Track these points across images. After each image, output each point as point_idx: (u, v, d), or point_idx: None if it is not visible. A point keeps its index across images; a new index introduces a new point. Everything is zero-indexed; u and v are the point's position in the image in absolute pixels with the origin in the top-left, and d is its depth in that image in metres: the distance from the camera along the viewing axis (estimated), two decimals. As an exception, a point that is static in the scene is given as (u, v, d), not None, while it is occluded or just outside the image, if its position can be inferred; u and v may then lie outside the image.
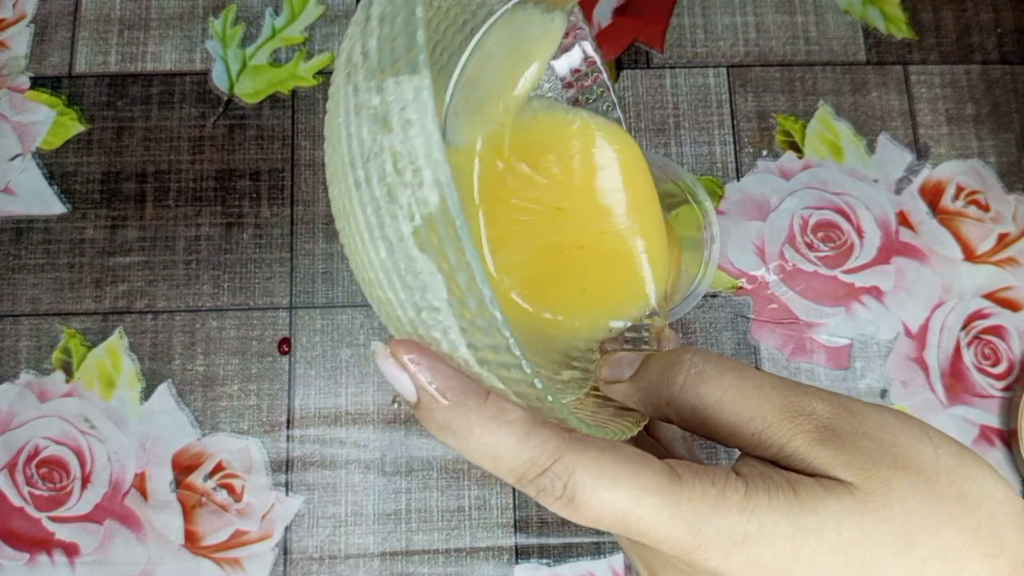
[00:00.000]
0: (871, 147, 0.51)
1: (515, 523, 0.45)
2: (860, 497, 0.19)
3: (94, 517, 0.44)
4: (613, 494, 0.19)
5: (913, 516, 0.19)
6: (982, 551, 0.19)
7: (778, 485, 0.19)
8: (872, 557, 0.18)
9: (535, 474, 0.19)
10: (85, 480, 0.44)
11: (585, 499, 0.19)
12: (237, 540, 0.44)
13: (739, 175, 0.50)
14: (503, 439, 0.19)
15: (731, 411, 0.21)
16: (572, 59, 0.30)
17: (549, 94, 0.30)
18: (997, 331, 0.48)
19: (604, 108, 0.30)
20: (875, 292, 0.48)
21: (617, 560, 0.45)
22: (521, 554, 0.44)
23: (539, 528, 0.45)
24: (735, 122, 0.51)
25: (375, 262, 0.19)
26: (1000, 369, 0.48)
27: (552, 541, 0.45)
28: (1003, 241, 0.50)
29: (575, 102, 0.30)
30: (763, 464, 0.21)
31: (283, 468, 0.45)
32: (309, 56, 0.51)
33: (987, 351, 0.48)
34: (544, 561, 0.44)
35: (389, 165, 0.18)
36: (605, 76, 0.30)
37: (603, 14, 0.53)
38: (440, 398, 0.20)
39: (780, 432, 0.20)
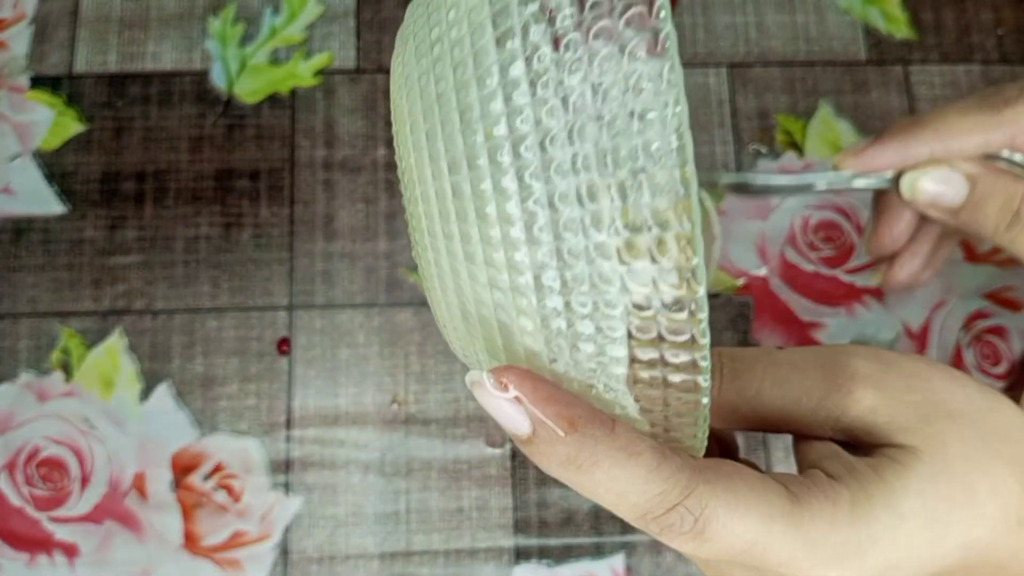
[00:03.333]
0: (872, 147, 0.51)
1: (515, 524, 0.45)
2: (928, 461, 0.19)
3: (94, 517, 0.44)
4: (744, 525, 0.18)
5: (969, 464, 0.19)
6: (1017, 479, 0.20)
7: (869, 479, 0.19)
8: (948, 518, 0.19)
9: (663, 510, 0.18)
10: (84, 480, 0.44)
11: (715, 532, 0.18)
12: (236, 541, 0.44)
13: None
14: (633, 471, 0.18)
15: (774, 399, 0.21)
16: None
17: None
18: (998, 331, 0.48)
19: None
20: (876, 292, 0.48)
21: (617, 560, 0.44)
22: (521, 555, 0.44)
23: (539, 529, 0.45)
24: (735, 122, 0.51)
25: (513, 268, 0.16)
26: (1001, 369, 0.48)
27: (552, 542, 0.45)
28: (1004, 241, 0.49)
29: None
30: (835, 450, 0.20)
31: (282, 468, 0.45)
32: (308, 55, 0.51)
33: (987, 351, 0.48)
34: (544, 562, 0.44)
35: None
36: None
37: None
38: (560, 430, 0.17)
39: (832, 407, 0.20)
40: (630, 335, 0.17)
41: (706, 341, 0.16)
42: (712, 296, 0.48)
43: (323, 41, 0.51)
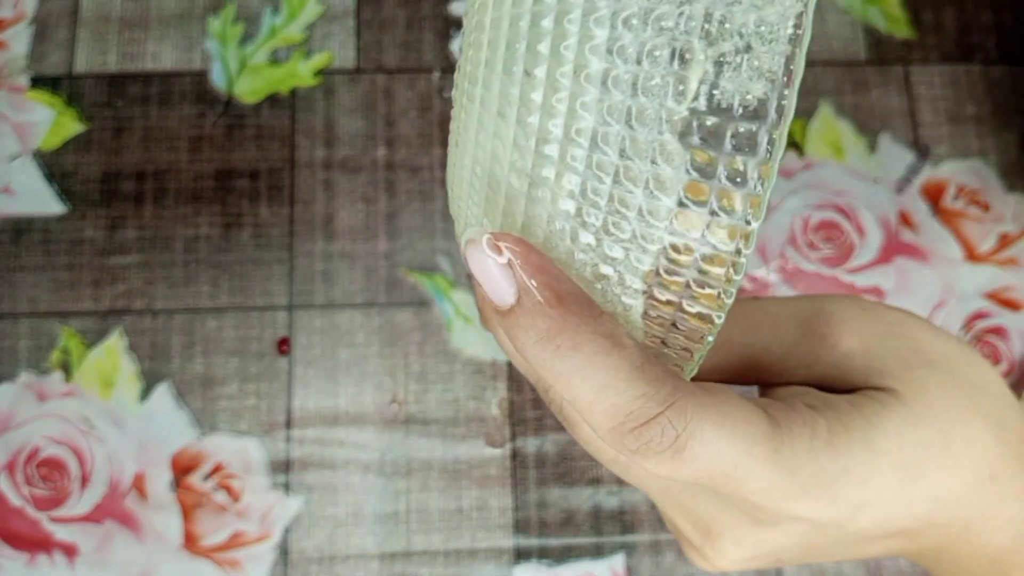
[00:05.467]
0: (872, 146, 0.51)
1: (515, 524, 0.45)
2: (907, 404, 0.19)
3: (93, 517, 0.44)
4: (729, 444, 0.17)
5: (948, 411, 0.19)
6: (992, 433, 0.19)
7: (847, 412, 0.18)
8: (924, 463, 0.19)
9: (644, 418, 0.16)
10: (84, 480, 0.44)
11: (698, 451, 0.17)
12: (236, 541, 0.44)
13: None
14: (616, 363, 0.16)
15: (744, 347, 0.20)
16: None
17: None
18: (998, 331, 0.48)
19: None
20: (876, 292, 0.48)
21: (617, 561, 0.44)
22: (521, 555, 0.44)
23: (539, 529, 0.45)
24: (735, 122, 0.51)
25: (567, 117, 0.15)
26: (1001, 369, 0.48)
27: (552, 542, 0.45)
28: (1004, 241, 0.49)
29: None
30: (809, 389, 0.20)
31: (282, 469, 0.45)
32: (308, 55, 0.51)
33: (987, 351, 0.48)
34: (544, 562, 0.44)
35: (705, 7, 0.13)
36: None
37: None
38: (548, 302, 0.16)
39: (804, 353, 0.20)
40: (657, 271, 0.16)
41: (730, 302, 0.16)
42: (712, 296, 0.48)
43: (323, 41, 0.51)
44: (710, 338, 0.16)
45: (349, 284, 0.48)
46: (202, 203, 0.48)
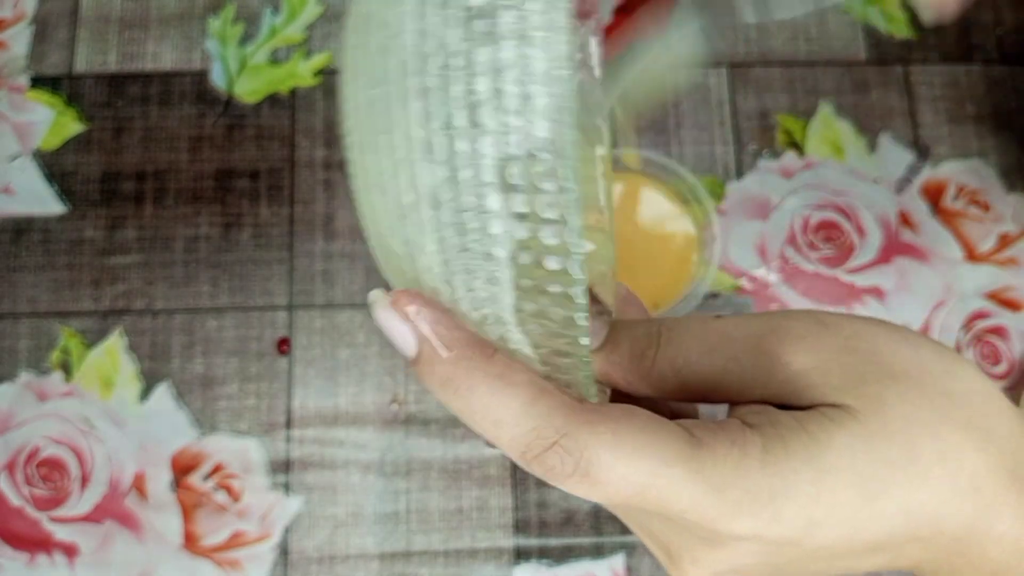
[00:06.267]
0: (872, 147, 0.51)
1: (515, 524, 0.45)
2: (862, 420, 0.18)
3: (93, 517, 0.44)
4: (632, 468, 0.17)
5: (911, 424, 0.19)
6: (974, 445, 0.19)
7: (790, 428, 0.18)
8: (885, 480, 0.18)
9: (540, 448, 0.18)
10: (84, 480, 0.44)
11: (601, 475, 0.18)
12: (236, 541, 0.44)
13: (740, 174, 0.50)
14: (507, 401, 0.18)
15: (702, 367, 0.20)
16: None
17: None
18: (998, 331, 0.48)
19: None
20: (876, 292, 0.48)
21: (617, 561, 0.44)
22: (521, 555, 0.44)
23: (539, 529, 0.45)
24: (736, 121, 0.51)
25: (409, 190, 0.17)
26: (1001, 369, 0.48)
27: (552, 542, 0.45)
28: (1004, 241, 0.49)
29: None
30: (764, 407, 0.20)
31: (282, 468, 0.45)
32: (308, 55, 0.51)
33: (988, 351, 0.48)
34: (544, 562, 0.44)
35: (483, 82, 0.15)
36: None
37: (604, 12, 0.53)
38: (443, 350, 0.18)
39: (759, 372, 0.20)
40: (517, 294, 0.17)
41: (584, 302, 0.17)
42: (713, 296, 0.48)
43: (323, 41, 0.51)
44: (583, 341, 0.18)
45: (349, 284, 0.48)
46: (202, 203, 0.48)
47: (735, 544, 0.19)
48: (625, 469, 0.18)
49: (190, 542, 0.44)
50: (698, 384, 0.20)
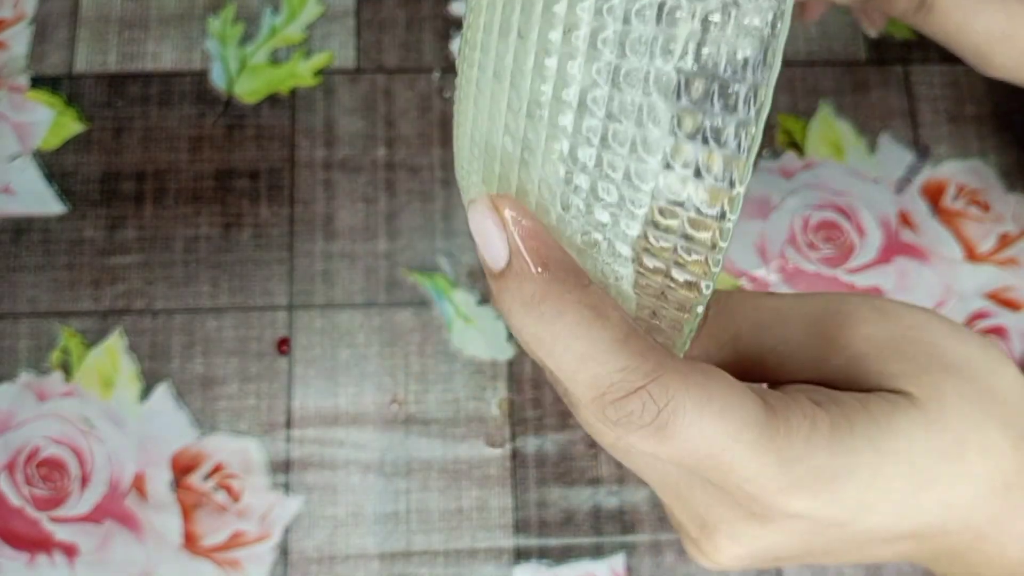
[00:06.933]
0: (872, 146, 0.51)
1: (515, 524, 0.45)
2: (921, 408, 0.18)
3: (93, 517, 0.44)
4: (715, 426, 0.16)
5: (964, 419, 0.18)
6: (1011, 443, 0.19)
7: (855, 409, 0.18)
8: (936, 470, 0.18)
9: (624, 391, 0.16)
10: (84, 480, 0.44)
11: (680, 429, 0.16)
12: (236, 541, 0.44)
13: (739, 175, 0.50)
14: (598, 333, 0.16)
15: (751, 344, 0.19)
16: None
17: None
18: (998, 331, 0.48)
19: None
20: (876, 292, 0.48)
21: (618, 561, 0.44)
22: (521, 555, 0.44)
23: (539, 529, 0.45)
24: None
25: (555, 86, 0.15)
26: (1001, 369, 0.48)
27: (552, 542, 0.45)
28: (1004, 241, 0.49)
29: None
30: (818, 387, 0.19)
31: (282, 468, 0.45)
32: (308, 55, 0.51)
33: (988, 351, 0.48)
34: (544, 562, 0.44)
35: None
36: None
37: None
38: (535, 267, 0.16)
39: (814, 354, 0.19)
40: (645, 236, 0.16)
41: (717, 270, 0.15)
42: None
43: (323, 41, 0.51)
44: (699, 308, 0.16)
45: (349, 284, 0.48)
46: (202, 203, 0.48)
47: (783, 521, 0.18)
48: (709, 428, 0.16)
49: (190, 542, 0.44)
50: (744, 360, 0.20)
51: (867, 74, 0.52)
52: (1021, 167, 0.51)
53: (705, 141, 0.14)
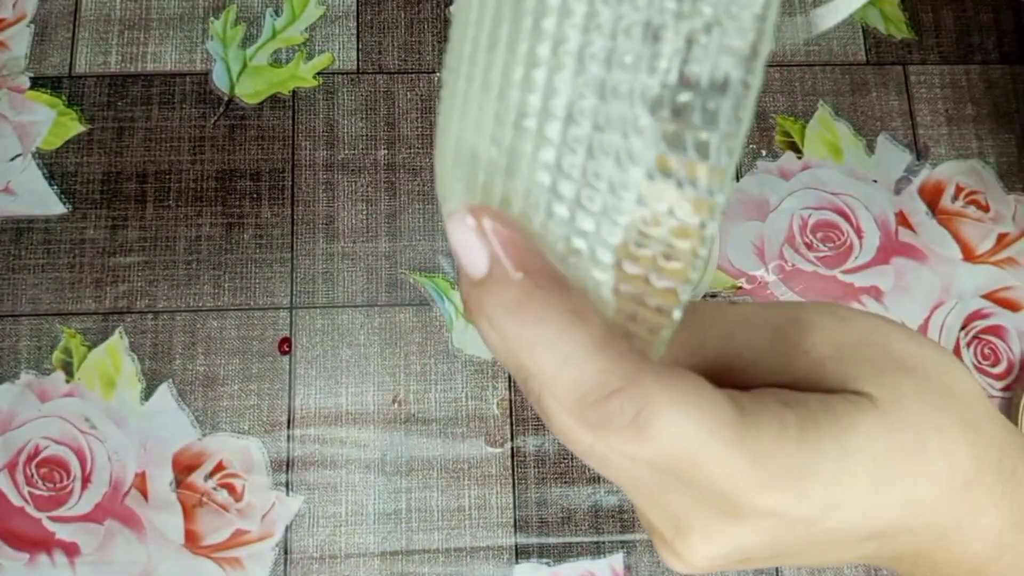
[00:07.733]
0: (871, 147, 0.51)
1: (515, 523, 0.45)
2: (882, 408, 0.19)
3: (94, 517, 0.44)
4: (692, 426, 0.17)
5: (923, 417, 0.19)
6: (967, 440, 0.19)
7: (820, 410, 0.18)
8: (898, 468, 0.18)
9: (604, 393, 0.17)
10: (85, 480, 0.44)
11: (658, 430, 0.17)
12: (237, 540, 0.44)
13: (738, 175, 0.50)
14: (580, 337, 0.17)
15: (715, 351, 0.20)
16: None
17: None
18: (997, 331, 0.48)
19: None
20: (874, 292, 0.49)
21: (617, 560, 0.45)
22: (521, 554, 0.44)
23: (539, 528, 0.45)
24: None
25: (541, 96, 0.16)
26: (1000, 369, 0.48)
27: (552, 541, 0.45)
28: (1002, 241, 0.50)
29: None
30: (783, 389, 0.20)
31: (283, 468, 0.45)
32: (309, 57, 0.51)
33: (987, 351, 0.48)
34: (544, 561, 0.44)
35: None
36: None
37: None
38: (515, 273, 0.17)
39: (776, 361, 0.20)
40: (626, 243, 0.17)
41: (696, 276, 0.16)
42: (711, 296, 0.48)
43: (324, 42, 0.51)
44: (677, 313, 0.17)
45: (350, 284, 0.48)
46: (204, 203, 0.49)
47: (754, 520, 0.19)
48: (686, 427, 0.17)
49: (191, 541, 0.44)
50: (712, 366, 0.21)
51: (866, 75, 0.52)
52: (1019, 168, 0.51)
53: (687, 152, 0.15)
